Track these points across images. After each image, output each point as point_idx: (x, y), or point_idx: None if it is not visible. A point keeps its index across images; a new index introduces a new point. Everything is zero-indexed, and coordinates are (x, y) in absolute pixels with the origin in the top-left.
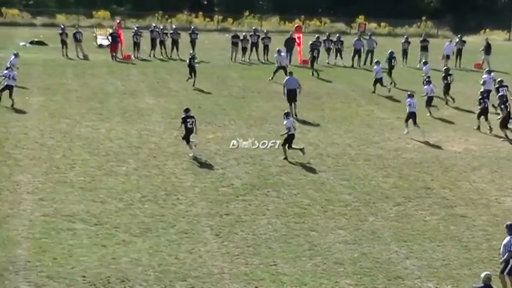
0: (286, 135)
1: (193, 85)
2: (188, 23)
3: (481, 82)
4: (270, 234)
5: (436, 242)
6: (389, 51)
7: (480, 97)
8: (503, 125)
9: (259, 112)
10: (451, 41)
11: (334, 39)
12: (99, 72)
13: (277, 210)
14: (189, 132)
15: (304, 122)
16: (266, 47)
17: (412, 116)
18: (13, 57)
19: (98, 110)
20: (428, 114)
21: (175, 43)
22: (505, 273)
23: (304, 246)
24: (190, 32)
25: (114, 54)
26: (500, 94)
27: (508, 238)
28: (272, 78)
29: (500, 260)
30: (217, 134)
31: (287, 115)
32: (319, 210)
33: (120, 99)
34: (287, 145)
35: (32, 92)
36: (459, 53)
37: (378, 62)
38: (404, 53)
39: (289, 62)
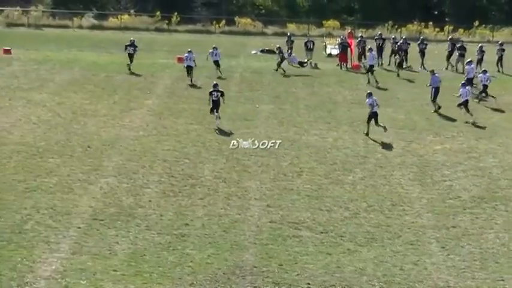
0: (369, 113)
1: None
2: (418, 33)
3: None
4: (497, 248)
5: None
6: None
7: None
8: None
9: (489, 124)
10: None
11: None
12: (327, 81)
13: (506, 224)
14: (215, 104)
15: None
16: (500, 58)
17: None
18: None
19: (326, 118)
20: None
21: (404, 53)
22: None
23: None
24: (418, 42)
25: (343, 63)
26: None
27: None
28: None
29: None
30: (445, 145)
31: (369, 95)
32: None
33: (348, 108)
34: (371, 122)
35: (261, 99)
36: None
37: (470, 62)
38: None
39: None
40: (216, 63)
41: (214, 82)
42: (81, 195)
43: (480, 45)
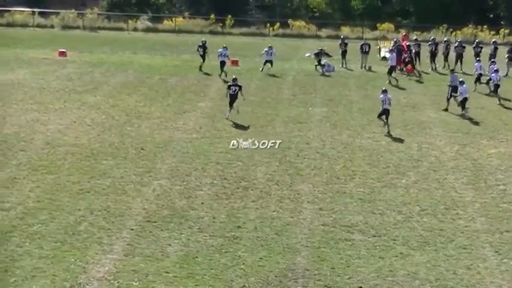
0: (381, 109)
1: None
2: (473, 36)
3: None
4: None
5: None
6: None
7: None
8: None
9: None
10: None
11: None
12: (381, 84)
13: None
14: (232, 98)
15: None
16: None
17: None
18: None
19: (379, 122)
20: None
21: (459, 57)
22: None
23: None
24: (474, 45)
25: (397, 66)
26: None
27: None
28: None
29: None
30: (499, 149)
31: (384, 92)
32: None
33: (402, 111)
34: (381, 117)
35: (314, 102)
36: None
37: (478, 60)
38: None
39: None
40: (269, 62)
41: (234, 77)
42: (134, 197)
43: None
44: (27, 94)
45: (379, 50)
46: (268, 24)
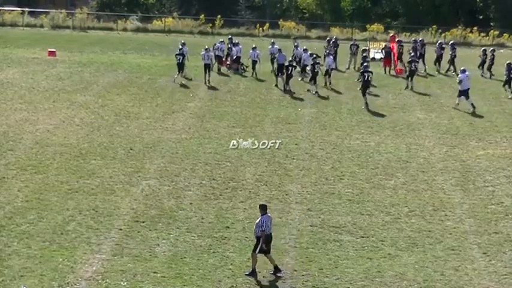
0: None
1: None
2: (462, 37)
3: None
4: None
5: None
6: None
7: None
8: None
9: None
10: None
11: None
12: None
13: None
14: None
15: None
16: None
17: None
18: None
19: (368, 123)
20: None
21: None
22: (256, 252)
23: None
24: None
25: (386, 67)
26: None
27: (260, 218)
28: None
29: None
30: (488, 150)
31: None
32: None
33: (390, 112)
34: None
35: (304, 103)
36: None
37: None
38: None
39: None
40: (254, 63)
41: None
42: (122, 197)
43: None
44: (16, 93)
45: (369, 51)
46: (258, 25)
